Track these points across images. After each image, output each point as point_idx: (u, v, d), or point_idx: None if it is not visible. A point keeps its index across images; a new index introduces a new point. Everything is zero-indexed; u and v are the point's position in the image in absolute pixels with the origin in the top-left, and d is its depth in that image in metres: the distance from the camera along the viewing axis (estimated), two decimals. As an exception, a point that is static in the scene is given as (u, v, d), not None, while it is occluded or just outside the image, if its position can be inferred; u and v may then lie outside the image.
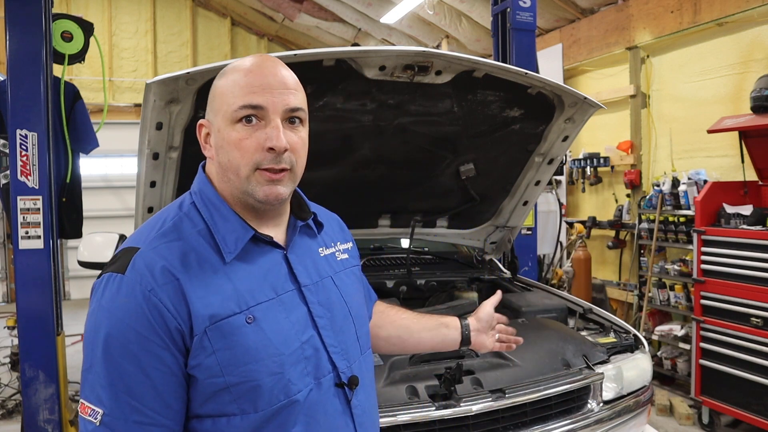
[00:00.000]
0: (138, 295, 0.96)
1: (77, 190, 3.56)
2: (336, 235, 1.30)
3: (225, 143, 1.05)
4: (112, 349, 0.96)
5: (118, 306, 0.97)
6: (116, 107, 9.02)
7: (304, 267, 1.13)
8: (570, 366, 2.10)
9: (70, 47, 3.40)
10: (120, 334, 0.96)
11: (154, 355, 0.96)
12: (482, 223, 3.14)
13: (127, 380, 0.95)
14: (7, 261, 8.50)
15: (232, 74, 1.07)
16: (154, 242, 1.03)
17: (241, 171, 1.04)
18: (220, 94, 1.07)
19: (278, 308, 1.05)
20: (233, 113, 1.03)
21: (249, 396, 0.99)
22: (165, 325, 0.96)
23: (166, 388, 0.97)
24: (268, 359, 1.00)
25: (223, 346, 0.98)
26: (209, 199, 1.10)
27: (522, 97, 2.37)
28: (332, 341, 1.10)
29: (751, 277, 3.62)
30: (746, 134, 4.02)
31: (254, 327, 1.00)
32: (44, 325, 3.21)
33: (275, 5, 8.62)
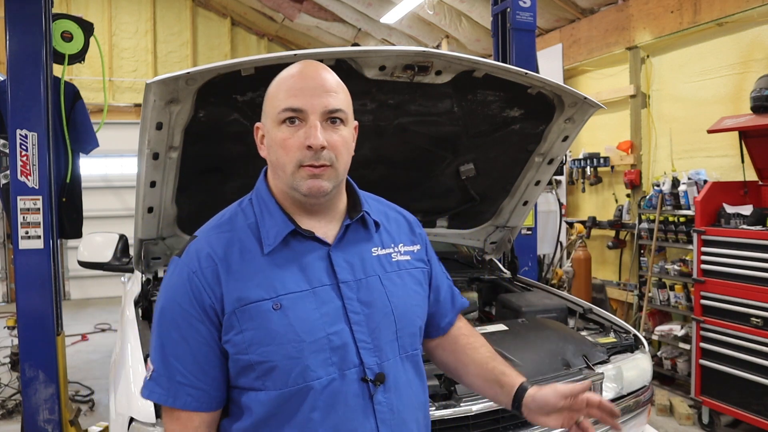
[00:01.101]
0: (184, 275, 1.14)
1: (77, 190, 3.56)
2: (400, 237, 1.33)
3: (273, 143, 1.16)
4: (163, 319, 1.15)
5: (171, 284, 1.17)
6: (116, 107, 9.02)
7: (349, 264, 1.19)
8: (570, 366, 2.10)
9: (70, 47, 3.41)
10: (169, 308, 1.15)
11: (193, 326, 1.12)
12: (482, 223, 3.14)
13: (173, 346, 1.13)
14: (7, 261, 8.50)
15: (279, 80, 1.18)
16: (209, 233, 1.21)
17: (286, 168, 1.14)
18: (269, 98, 1.19)
19: (309, 300, 1.13)
20: (277, 115, 1.14)
21: (269, 375, 1.10)
22: (202, 301, 1.12)
23: (203, 356, 1.12)
24: (287, 344, 1.10)
25: (250, 326, 1.10)
26: (261, 197, 1.23)
27: (522, 97, 2.37)
28: (364, 337, 1.16)
29: (751, 277, 3.62)
30: (746, 134, 4.02)
31: (280, 313, 1.11)
32: (44, 325, 3.21)
33: (275, 5, 8.61)
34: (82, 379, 4.96)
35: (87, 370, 5.39)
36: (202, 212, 2.47)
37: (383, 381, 1.16)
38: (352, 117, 1.22)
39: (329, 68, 1.20)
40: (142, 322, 2.37)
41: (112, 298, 7.99)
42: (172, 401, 1.12)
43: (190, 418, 1.13)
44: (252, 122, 2.14)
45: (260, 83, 1.98)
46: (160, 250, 2.52)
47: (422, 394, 1.28)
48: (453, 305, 1.44)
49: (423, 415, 1.28)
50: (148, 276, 2.62)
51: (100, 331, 7.00)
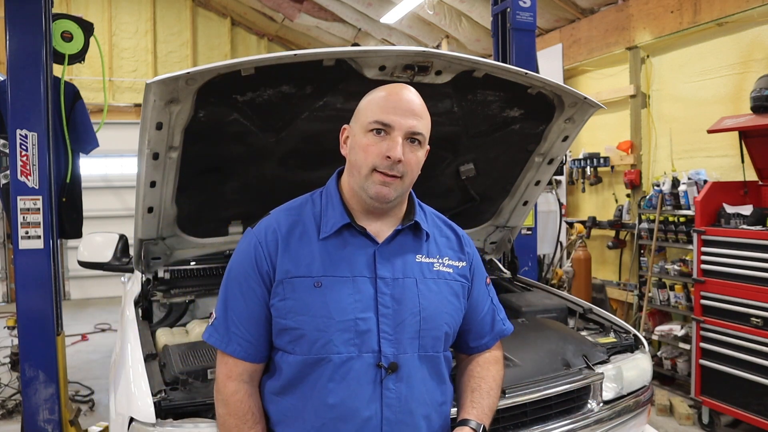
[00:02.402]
0: (252, 244, 1.36)
1: (77, 190, 3.56)
2: (447, 251, 1.46)
3: (356, 146, 1.33)
4: (229, 278, 1.38)
5: (241, 249, 1.39)
6: (116, 107, 9.02)
7: (390, 263, 1.35)
8: (570, 366, 2.10)
9: (70, 47, 3.40)
10: (236, 269, 1.38)
11: (251, 287, 1.34)
12: (482, 223, 3.14)
13: (233, 300, 1.35)
14: (7, 261, 8.50)
15: (375, 94, 1.37)
16: (279, 213, 1.41)
17: (362, 169, 1.31)
18: (362, 107, 1.37)
19: (347, 285, 1.31)
20: (367, 124, 1.32)
21: (299, 341, 1.29)
22: (259, 267, 1.34)
23: (255, 313, 1.34)
24: (318, 318, 1.28)
25: (291, 296, 1.30)
26: (329, 191, 1.42)
27: (522, 97, 2.37)
28: (388, 329, 1.30)
29: (751, 277, 3.62)
30: (746, 134, 4.02)
31: (319, 291, 1.29)
32: (44, 325, 3.21)
33: (275, 5, 8.61)
34: (82, 379, 4.96)
35: (87, 370, 5.40)
36: (202, 212, 2.49)
37: (396, 370, 1.29)
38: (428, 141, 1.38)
39: (418, 94, 1.39)
40: (142, 322, 2.37)
41: (112, 298, 8.00)
42: (225, 346, 1.34)
43: (235, 364, 1.34)
44: (252, 122, 2.15)
45: (260, 83, 1.98)
46: (160, 250, 2.52)
47: (438, 395, 1.39)
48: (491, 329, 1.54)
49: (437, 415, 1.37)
50: (148, 276, 2.62)
51: (100, 331, 7.00)
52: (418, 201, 1.48)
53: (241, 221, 2.56)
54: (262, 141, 2.25)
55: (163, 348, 2.12)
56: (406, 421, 1.29)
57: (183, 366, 1.88)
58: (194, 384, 1.75)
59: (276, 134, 2.23)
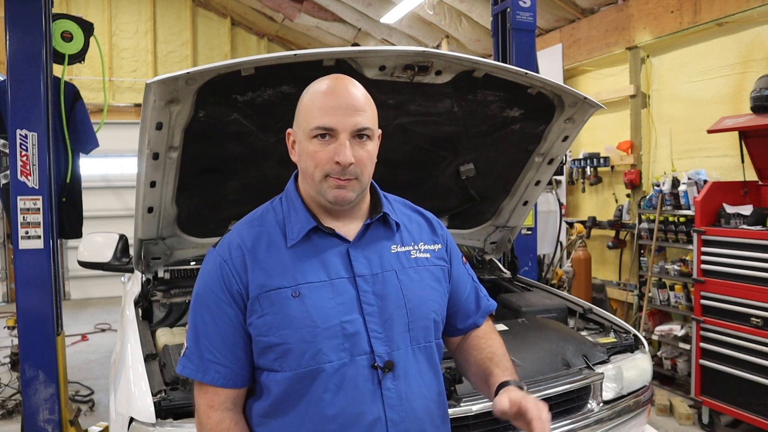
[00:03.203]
0: (217, 264, 1.27)
1: (77, 190, 3.56)
2: (421, 236, 1.41)
3: (304, 153, 1.26)
4: (197, 303, 1.28)
5: (206, 272, 1.30)
6: (116, 107, 9.02)
7: (366, 260, 1.29)
8: (570, 366, 2.10)
9: (70, 47, 3.40)
10: (203, 292, 1.28)
11: (222, 310, 1.25)
12: (482, 223, 3.14)
13: (204, 327, 1.26)
14: (7, 261, 8.50)
15: (312, 94, 1.27)
16: (240, 227, 1.33)
17: (315, 176, 1.24)
18: (303, 110, 1.27)
19: (326, 290, 1.24)
20: (310, 131, 1.23)
21: (286, 356, 1.21)
22: (230, 287, 1.24)
23: (230, 337, 1.25)
24: (303, 328, 1.20)
25: (270, 311, 1.22)
26: (289, 197, 1.34)
27: (522, 97, 2.37)
28: (376, 327, 1.25)
29: (751, 277, 3.62)
30: (746, 134, 4.02)
31: (298, 300, 1.22)
32: (44, 325, 3.21)
33: (275, 5, 8.61)
34: (82, 379, 4.97)
35: (87, 370, 5.40)
36: (202, 212, 2.49)
37: (392, 368, 1.24)
38: (377, 128, 1.31)
39: (358, 83, 1.29)
40: (142, 322, 2.37)
41: (112, 298, 8.00)
42: (201, 376, 1.26)
43: (216, 393, 1.26)
44: (252, 122, 2.15)
45: (260, 83, 1.98)
46: (160, 250, 2.52)
47: (435, 385, 1.34)
48: (477, 307, 1.50)
49: (437, 408, 1.33)
50: (148, 276, 2.62)
51: (100, 331, 7.01)
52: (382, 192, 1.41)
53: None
54: (262, 141, 2.25)
55: (163, 348, 2.12)
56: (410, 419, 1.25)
57: (183, 366, 1.88)
58: (194, 384, 1.75)
59: (276, 134, 2.23)
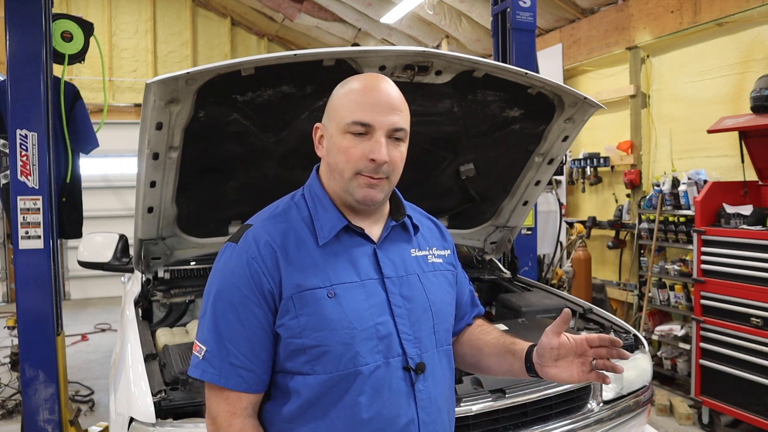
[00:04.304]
0: (243, 260, 1.19)
1: (77, 190, 3.56)
2: (434, 241, 1.41)
3: (335, 148, 1.23)
4: (219, 302, 1.20)
5: (229, 268, 1.21)
6: (116, 107, 9.02)
7: (392, 262, 1.28)
8: (570, 366, 2.10)
9: (70, 47, 3.40)
10: (226, 291, 1.20)
11: (250, 310, 1.18)
12: (482, 223, 3.14)
13: (228, 328, 1.18)
14: (7, 261, 8.50)
15: (349, 89, 1.24)
16: (265, 222, 1.25)
17: (345, 173, 1.21)
18: (337, 105, 1.24)
19: (359, 291, 1.21)
20: (345, 125, 1.20)
21: (320, 359, 1.17)
22: (261, 286, 1.18)
23: (256, 339, 1.18)
24: (341, 330, 1.17)
25: (305, 312, 1.17)
26: (315, 193, 1.29)
27: (522, 97, 2.37)
28: (406, 329, 1.23)
29: (751, 277, 3.62)
30: (746, 134, 4.02)
31: (334, 301, 1.18)
32: (44, 325, 3.21)
33: (275, 5, 8.61)
34: (82, 379, 4.96)
35: (87, 370, 5.40)
36: (202, 212, 2.49)
37: (423, 370, 1.24)
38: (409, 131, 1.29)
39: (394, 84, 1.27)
40: (142, 322, 2.37)
41: (112, 298, 8.00)
42: (224, 381, 1.18)
43: (239, 399, 1.19)
44: (252, 122, 2.15)
45: (260, 83, 1.98)
46: (160, 250, 2.52)
47: (452, 386, 1.37)
48: (472, 309, 1.54)
49: (451, 407, 1.35)
50: (148, 276, 2.62)
51: (100, 331, 7.00)
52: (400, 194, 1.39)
53: (240, 221, 2.56)
54: (262, 141, 2.25)
55: (163, 348, 2.12)
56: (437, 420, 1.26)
57: (183, 366, 1.88)
58: (194, 384, 1.75)
59: (276, 134, 2.23)
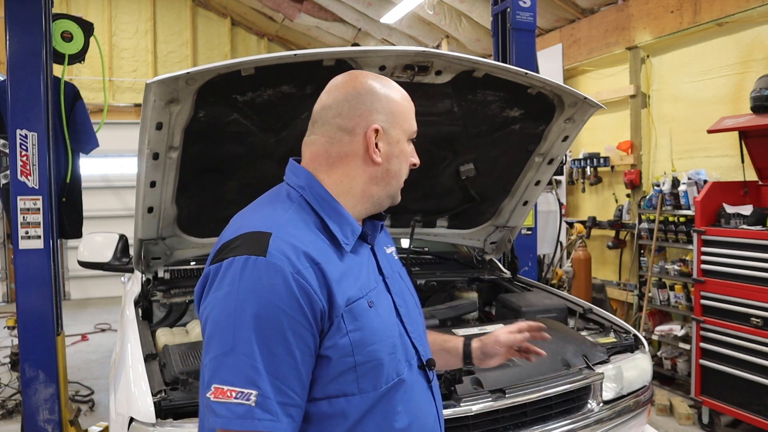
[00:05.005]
0: (287, 276, 0.99)
1: (77, 190, 3.56)
2: (388, 238, 1.40)
3: (401, 155, 1.22)
4: (262, 330, 0.97)
5: (265, 287, 0.99)
6: (116, 107, 9.02)
7: (383, 262, 1.25)
8: (570, 366, 2.10)
9: (70, 47, 3.40)
10: (270, 315, 0.98)
11: (300, 337, 0.99)
12: (482, 223, 3.14)
13: (277, 362, 0.98)
14: (7, 261, 8.50)
15: (403, 97, 1.23)
16: (286, 228, 1.07)
17: (401, 179, 1.24)
18: (402, 111, 1.21)
19: (381, 295, 1.17)
20: (411, 133, 1.24)
21: (371, 374, 1.07)
22: (312, 306, 1.00)
23: (305, 369, 1.01)
24: (387, 339, 1.11)
25: (354, 327, 1.06)
26: (322, 197, 1.16)
27: (522, 97, 2.38)
28: (411, 328, 1.21)
29: (751, 277, 3.62)
30: (746, 134, 4.02)
31: (374, 311, 1.11)
32: (44, 325, 3.21)
33: (275, 5, 8.61)
34: (82, 379, 4.96)
35: (87, 370, 5.40)
36: (202, 212, 2.49)
37: (435, 365, 1.23)
38: None
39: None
40: (142, 322, 2.37)
41: (112, 298, 7.99)
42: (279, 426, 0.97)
43: None
44: (252, 122, 2.15)
45: (260, 83, 1.98)
46: (160, 250, 2.52)
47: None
48: None
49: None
50: (148, 276, 2.62)
51: (100, 331, 7.00)
52: None
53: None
54: (262, 141, 2.25)
55: (163, 348, 2.12)
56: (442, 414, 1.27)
57: (183, 366, 1.89)
58: (194, 384, 1.75)
59: (276, 134, 2.23)
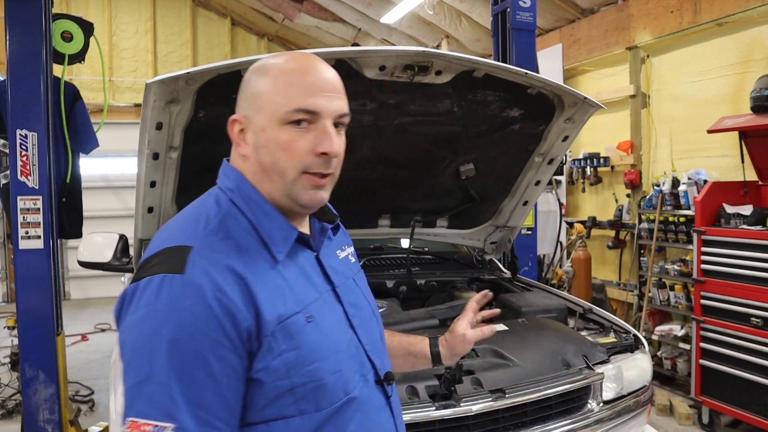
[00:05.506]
0: (207, 295, 0.90)
1: (77, 190, 3.56)
2: (344, 238, 1.27)
3: (271, 143, 1.01)
4: (179, 355, 0.88)
5: (184, 308, 0.90)
6: (116, 107, 9.02)
7: (333, 268, 1.12)
8: (570, 366, 2.10)
9: (70, 47, 3.40)
10: (189, 339, 0.89)
11: (224, 360, 0.90)
12: (482, 223, 3.14)
13: (197, 389, 0.88)
14: (7, 261, 8.50)
15: (281, 72, 1.03)
16: (208, 240, 0.97)
17: (287, 173, 1.01)
18: (266, 92, 1.02)
19: (325, 306, 1.05)
20: (285, 114, 0.99)
21: (312, 396, 0.97)
22: (236, 326, 0.91)
23: (233, 394, 0.92)
24: (329, 357, 1.00)
25: (288, 346, 0.95)
26: (250, 197, 1.04)
27: (522, 97, 2.38)
28: (366, 339, 1.11)
29: (751, 277, 3.62)
30: (746, 134, 4.02)
31: (313, 326, 0.99)
32: (44, 325, 3.21)
33: (275, 5, 8.62)
34: (82, 379, 4.96)
35: (87, 370, 5.40)
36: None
37: (393, 379, 1.15)
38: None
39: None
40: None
41: (112, 298, 7.96)
42: None
43: None
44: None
45: (260, 83, 1.98)
46: (160, 250, 2.51)
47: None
48: None
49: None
50: (148, 276, 2.62)
51: (100, 331, 7.00)
52: None
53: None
54: (262, 141, 2.24)
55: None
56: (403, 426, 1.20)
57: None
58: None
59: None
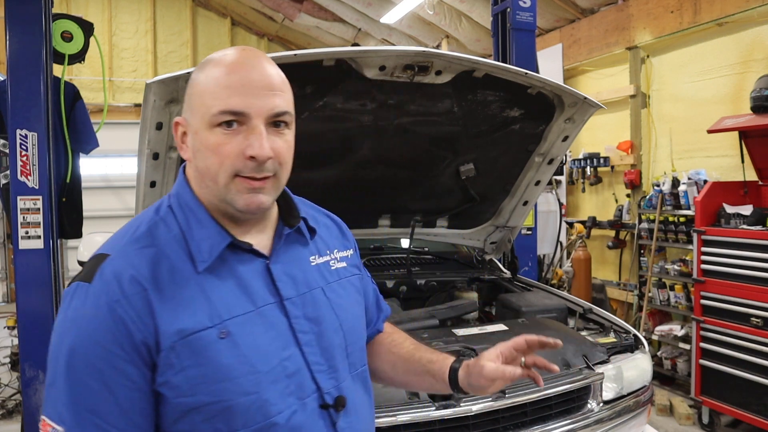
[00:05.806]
0: (103, 306, 0.91)
1: (77, 190, 3.56)
2: (334, 242, 1.19)
3: (202, 147, 0.97)
4: (75, 363, 0.90)
5: (84, 317, 0.91)
6: (116, 107, 9.02)
7: (290, 278, 1.05)
8: (570, 366, 2.10)
9: (70, 47, 3.40)
10: (84, 348, 0.90)
11: (119, 370, 0.90)
12: (482, 223, 3.14)
13: (91, 397, 0.89)
14: (7, 261, 8.49)
15: (212, 70, 0.98)
16: (126, 248, 0.96)
17: (219, 178, 0.96)
18: (198, 92, 0.98)
19: (256, 322, 0.98)
20: (211, 117, 0.95)
21: (221, 416, 0.93)
22: (130, 337, 0.90)
23: (132, 405, 0.91)
24: (242, 378, 0.93)
25: (192, 363, 0.92)
26: (185, 203, 1.01)
27: (522, 97, 2.38)
28: (317, 359, 1.03)
29: (751, 277, 3.62)
30: (746, 134, 4.02)
31: (228, 342, 0.94)
32: (44, 325, 3.20)
33: (275, 5, 8.62)
34: (82, 379, 4.96)
35: (87, 370, 5.39)
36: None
37: (344, 405, 1.04)
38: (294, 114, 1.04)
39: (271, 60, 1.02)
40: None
41: (112, 298, 7.98)
42: None
43: None
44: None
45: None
46: (160, 250, 2.52)
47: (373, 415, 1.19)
48: (378, 312, 1.34)
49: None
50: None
51: (100, 331, 7.00)
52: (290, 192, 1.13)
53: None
54: (262, 141, 2.24)
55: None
56: None
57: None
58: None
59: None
